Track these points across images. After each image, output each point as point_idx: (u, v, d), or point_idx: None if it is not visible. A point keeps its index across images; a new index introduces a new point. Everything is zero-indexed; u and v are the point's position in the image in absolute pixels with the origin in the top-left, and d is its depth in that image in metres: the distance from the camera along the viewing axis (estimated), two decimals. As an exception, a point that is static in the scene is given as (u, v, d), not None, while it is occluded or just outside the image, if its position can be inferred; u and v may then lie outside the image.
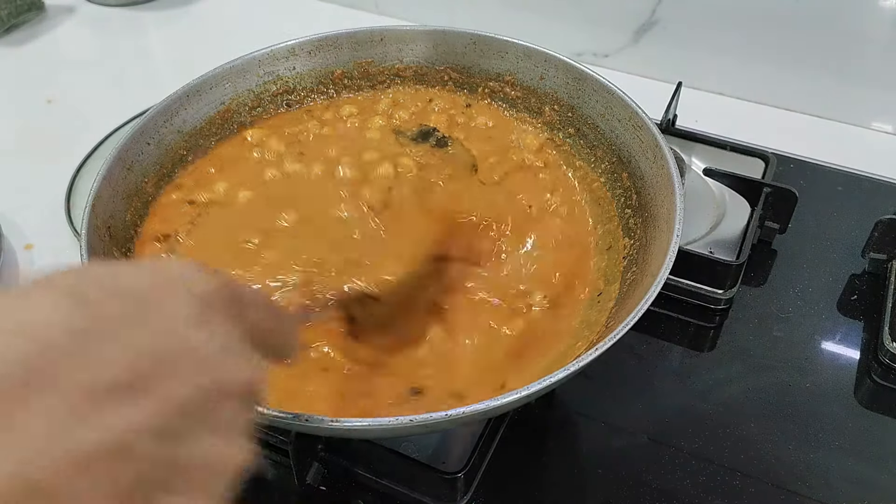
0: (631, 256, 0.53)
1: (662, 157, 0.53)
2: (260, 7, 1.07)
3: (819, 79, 0.83)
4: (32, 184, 0.78)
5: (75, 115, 0.88)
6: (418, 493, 0.50)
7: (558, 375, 0.39)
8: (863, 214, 0.69)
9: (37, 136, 0.86)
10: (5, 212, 0.74)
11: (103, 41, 1.02)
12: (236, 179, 0.60)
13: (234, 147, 0.64)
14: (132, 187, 0.57)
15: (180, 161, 0.61)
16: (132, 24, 1.05)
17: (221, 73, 0.63)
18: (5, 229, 0.71)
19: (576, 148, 0.62)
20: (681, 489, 0.51)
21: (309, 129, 0.65)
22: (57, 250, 0.70)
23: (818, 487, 0.51)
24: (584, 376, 0.42)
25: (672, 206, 0.49)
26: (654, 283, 0.44)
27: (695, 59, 0.87)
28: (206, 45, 1.00)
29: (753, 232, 0.64)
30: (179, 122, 0.61)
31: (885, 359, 0.58)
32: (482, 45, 0.65)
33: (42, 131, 0.86)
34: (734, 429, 0.54)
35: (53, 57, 0.99)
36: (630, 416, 0.56)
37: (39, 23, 1.04)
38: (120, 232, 0.54)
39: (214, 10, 1.07)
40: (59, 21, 1.04)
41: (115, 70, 0.97)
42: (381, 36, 0.67)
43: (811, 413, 0.56)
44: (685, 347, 0.61)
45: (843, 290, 0.64)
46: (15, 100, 0.92)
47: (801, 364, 0.59)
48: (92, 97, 0.92)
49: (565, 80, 0.62)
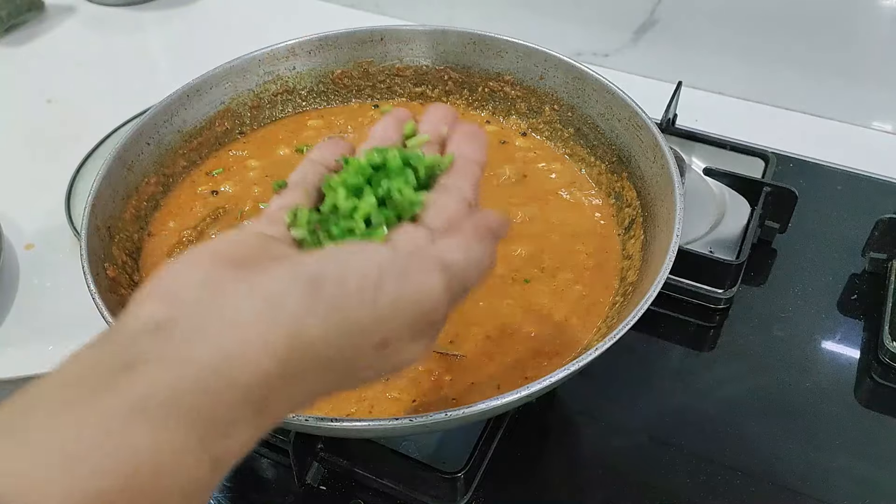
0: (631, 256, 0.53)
1: (662, 156, 0.53)
2: (260, 7, 1.07)
3: (819, 78, 0.83)
4: (32, 183, 0.78)
5: (75, 115, 0.88)
6: (418, 492, 0.50)
7: (558, 375, 0.39)
8: (863, 214, 0.69)
9: (37, 135, 0.86)
10: (5, 211, 0.74)
11: (103, 41, 1.02)
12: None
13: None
14: (132, 187, 0.57)
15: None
16: (132, 23, 1.05)
17: (221, 72, 0.63)
18: (5, 229, 0.71)
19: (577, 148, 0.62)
20: (681, 488, 0.51)
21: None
22: (57, 250, 0.70)
23: (818, 486, 0.51)
24: (584, 376, 0.42)
25: (672, 206, 0.49)
26: (655, 283, 0.44)
27: (695, 58, 0.87)
28: (206, 44, 1.00)
29: (753, 231, 0.64)
30: (179, 121, 0.61)
31: (885, 358, 0.58)
32: (482, 44, 0.65)
33: (42, 131, 0.86)
34: (734, 428, 0.54)
35: (53, 57, 0.99)
36: (630, 415, 0.56)
37: (39, 23, 1.04)
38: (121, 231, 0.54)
39: (214, 10, 1.07)
40: (58, 21, 1.05)
41: (115, 70, 0.97)
42: (381, 36, 0.67)
43: (811, 412, 0.56)
44: (685, 347, 0.61)
45: (843, 290, 0.64)
46: (15, 100, 0.92)
47: (802, 363, 0.59)
48: (92, 97, 0.92)
49: (565, 80, 0.62)
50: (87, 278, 0.46)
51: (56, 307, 0.66)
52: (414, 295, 0.29)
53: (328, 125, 0.68)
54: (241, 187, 0.61)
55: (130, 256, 0.54)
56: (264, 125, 0.67)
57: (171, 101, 0.60)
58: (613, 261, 0.55)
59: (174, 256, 0.55)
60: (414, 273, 0.29)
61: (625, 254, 0.54)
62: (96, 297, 0.45)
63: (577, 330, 0.51)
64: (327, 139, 0.39)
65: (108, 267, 0.50)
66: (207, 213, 0.59)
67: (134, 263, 0.54)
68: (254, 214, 0.59)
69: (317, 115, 0.69)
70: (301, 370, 0.27)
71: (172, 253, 0.56)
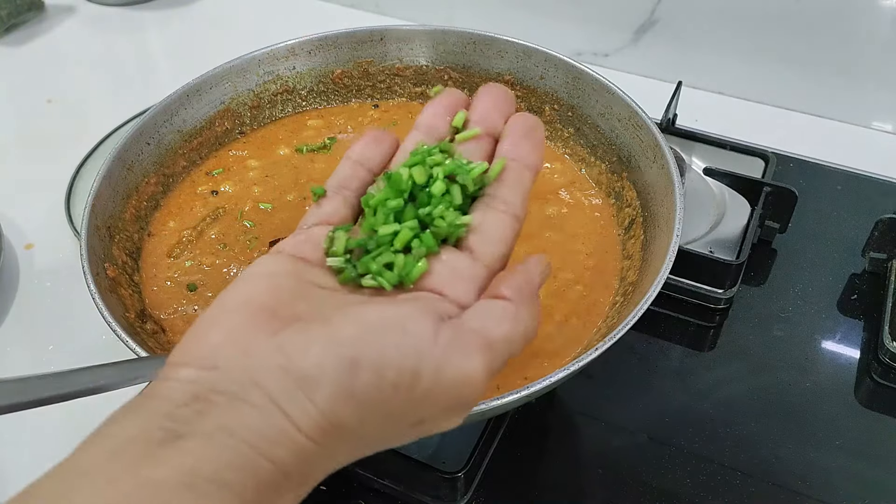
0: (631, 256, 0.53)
1: (662, 156, 0.52)
2: (259, 6, 1.07)
3: (819, 78, 0.83)
4: (32, 183, 0.78)
5: (75, 115, 0.88)
6: (418, 493, 0.50)
7: (558, 375, 0.39)
8: (863, 213, 0.69)
9: (37, 135, 0.86)
10: (5, 211, 0.74)
11: (103, 41, 1.02)
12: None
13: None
14: (132, 187, 0.57)
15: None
16: (132, 23, 1.05)
17: (221, 72, 0.63)
18: (5, 229, 0.71)
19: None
20: (681, 489, 0.51)
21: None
22: (57, 250, 0.70)
23: (818, 487, 0.51)
24: (584, 376, 0.42)
25: (672, 206, 0.49)
26: (655, 283, 0.44)
27: (695, 58, 0.87)
28: (206, 44, 1.00)
29: (753, 231, 0.64)
30: (179, 121, 0.61)
31: (885, 358, 0.58)
32: (482, 44, 0.65)
33: (42, 131, 0.86)
34: (734, 428, 0.54)
35: (53, 57, 0.99)
36: (630, 415, 0.56)
37: (39, 22, 1.04)
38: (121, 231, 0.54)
39: (214, 10, 1.07)
40: (58, 21, 1.04)
41: (115, 70, 0.97)
42: (381, 35, 0.67)
43: (811, 412, 0.56)
44: (685, 347, 0.61)
45: (843, 290, 0.64)
46: (15, 100, 0.92)
47: (802, 363, 0.59)
48: (92, 97, 0.92)
49: (565, 80, 0.62)
50: (87, 278, 0.46)
51: (56, 307, 0.66)
52: (451, 383, 0.28)
53: (328, 125, 0.68)
54: (241, 187, 0.61)
55: (130, 256, 0.54)
56: (264, 125, 0.67)
57: (171, 101, 0.60)
58: (613, 261, 0.55)
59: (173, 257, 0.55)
60: (454, 358, 0.28)
61: (625, 254, 0.54)
62: (96, 297, 0.45)
63: (577, 330, 0.50)
64: (369, 132, 0.37)
65: (108, 267, 0.50)
66: (207, 213, 0.59)
67: (134, 263, 0.54)
68: (254, 215, 0.59)
69: (317, 114, 0.69)
70: (337, 446, 0.27)
71: (172, 253, 0.56)
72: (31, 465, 0.35)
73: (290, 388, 0.26)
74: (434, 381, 0.27)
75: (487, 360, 0.28)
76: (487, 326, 0.29)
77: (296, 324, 0.28)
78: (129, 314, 0.48)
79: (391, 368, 0.27)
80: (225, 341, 0.27)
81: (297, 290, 0.30)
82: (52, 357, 0.62)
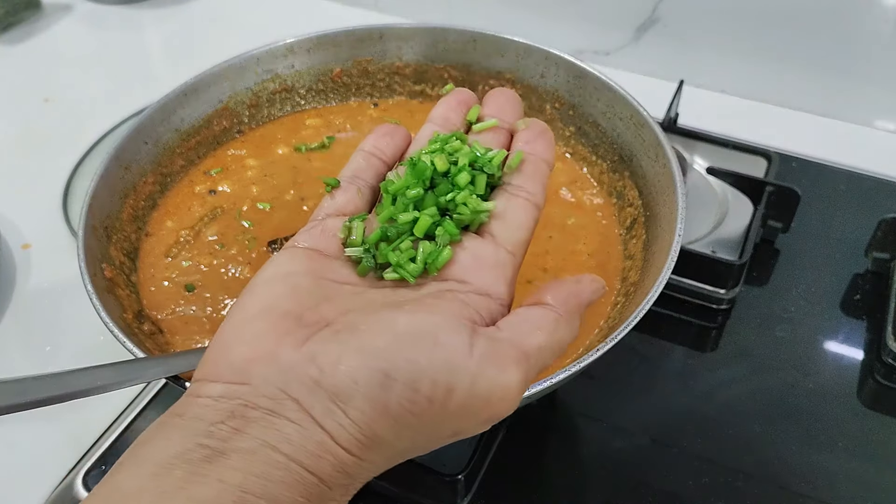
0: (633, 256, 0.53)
1: (664, 155, 0.52)
2: (258, 5, 1.06)
3: (822, 77, 0.82)
4: (30, 183, 0.78)
5: (72, 114, 0.88)
6: (418, 495, 0.50)
7: (559, 375, 0.39)
8: (866, 213, 0.69)
9: (34, 134, 0.85)
10: (3, 211, 0.74)
11: (100, 39, 1.02)
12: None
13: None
14: (129, 186, 0.56)
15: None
16: (129, 22, 1.05)
17: (219, 71, 0.63)
18: (3, 229, 0.71)
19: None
20: (683, 490, 0.51)
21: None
22: (54, 250, 0.70)
23: (821, 488, 0.51)
24: (585, 376, 0.42)
25: (674, 206, 0.49)
26: (656, 283, 0.43)
27: (697, 57, 0.87)
28: (204, 43, 0.99)
29: (756, 231, 0.63)
30: (177, 120, 0.61)
31: (888, 359, 0.58)
32: (482, 43, 0.65)
33: (39, 130, 0.86)
34: (737, 429, 0.54)
35: (50, 55, 0.98)
36: (632, 416, 0.55)
37: (36, 21, 1.03)
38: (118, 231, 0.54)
39: (212, 8, 1.06)
40: (55, 19, 1.04)
41: (113, 68, 0.96)
42: (381, 34, 0.67)
43: (814, 413, 0.55)
44: (687, 347, 0.61)
45: (846, 290, 0.64)
46: (12, 99, 0.92)
47: (804, 364, 0.59)
48: (89, 96, 0.91)
49: (566, 79, 0.62)
50: (85, 278, 0.46)
51: (53, 307, 0.66)
52: (487, 397, 0.27)
53: (327, 124, 0.67)
54: (240, 186, 0.61)
55: (128, 256, 0.54)
56: (262, 124, 0.67)
57: (168, 100, 0.60)
58: (615, 261, 0.54)
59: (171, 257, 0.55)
60: (489, 371, 0.27)
61: (626, 254, 0.54)
62: (93, 297, 0.45)
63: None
64: (381, 126, 0.36)
65: (106, 267, 0.50)
66: (205, 212, 0.58)
67: (131, 263, 0.54)
68: (252, 214, 0.58)
69: (315, 113, 0.68)
70: (375, 457, 0.27)
71: (170, 253, 0.55)
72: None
73: (324, 402, 0.25)
74: (469, 395, 0.27)
75: (523, 372, 0.28)
76: (522, 335, 0.28)
77: (323, 330, 0.27)
78: (127, 314, 0.48)
79: (425, 382, 0.26)
80: (253, 354, 0.27)
81: (317, 290, 0.29)
82: (49, 358, 0.62)
